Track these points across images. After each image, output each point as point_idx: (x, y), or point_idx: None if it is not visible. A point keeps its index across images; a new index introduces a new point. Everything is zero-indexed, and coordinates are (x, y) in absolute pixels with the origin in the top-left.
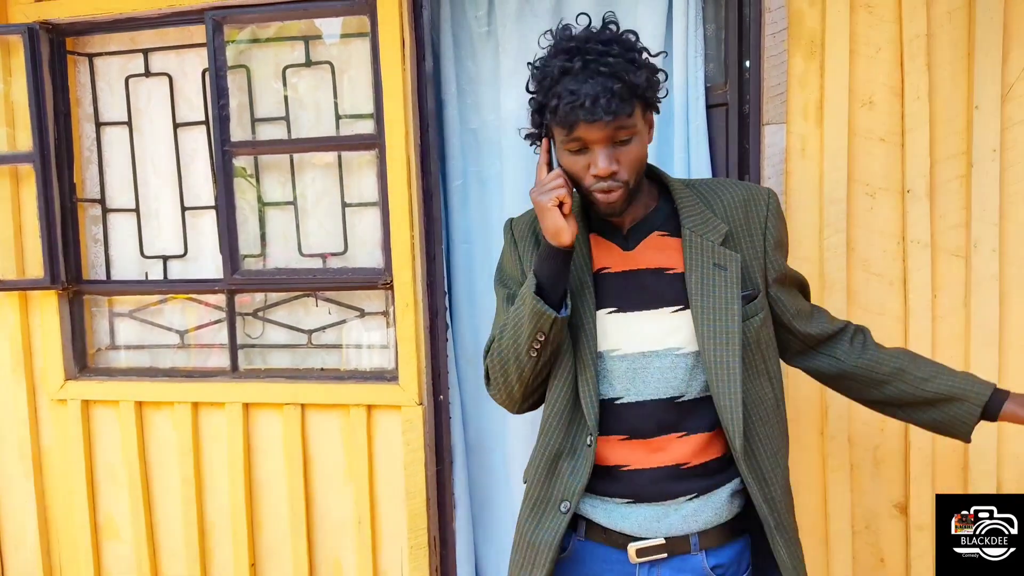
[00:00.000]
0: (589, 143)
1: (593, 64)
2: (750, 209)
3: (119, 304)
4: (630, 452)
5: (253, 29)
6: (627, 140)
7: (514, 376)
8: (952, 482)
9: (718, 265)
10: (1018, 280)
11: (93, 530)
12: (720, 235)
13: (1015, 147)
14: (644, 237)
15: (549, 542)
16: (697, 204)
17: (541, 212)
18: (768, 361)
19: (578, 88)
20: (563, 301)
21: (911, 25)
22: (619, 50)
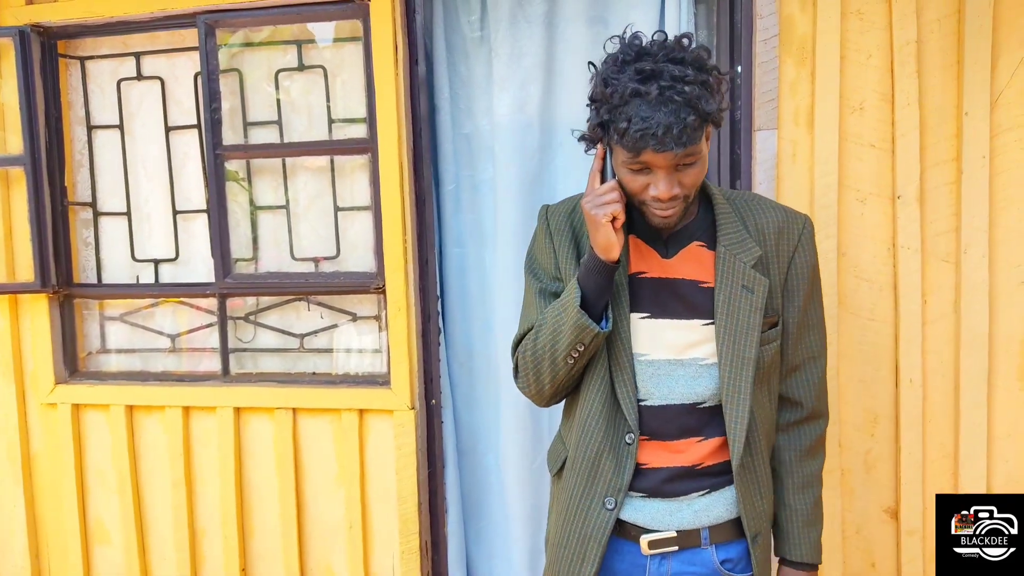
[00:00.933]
0: (653, 167)
1: (669, 91)
2: (783, 236)
3: (110, 308)
4: (652, 452)
5: (245, 33)
6: (692, 163)
7: (547, 377)
8: (942, 487)
9: (746, 287)
10: (1007, 285)
11: (83, 535)
12: (753, 257)
13: (1004, 153)
14: (683, 247)
15: (599, 538)
16: (735, 222)
17: (593, 225)
18: (772, 382)
19: (651, 116)
20: (604, 313)
21: (901, 32)
22: (694, 74)
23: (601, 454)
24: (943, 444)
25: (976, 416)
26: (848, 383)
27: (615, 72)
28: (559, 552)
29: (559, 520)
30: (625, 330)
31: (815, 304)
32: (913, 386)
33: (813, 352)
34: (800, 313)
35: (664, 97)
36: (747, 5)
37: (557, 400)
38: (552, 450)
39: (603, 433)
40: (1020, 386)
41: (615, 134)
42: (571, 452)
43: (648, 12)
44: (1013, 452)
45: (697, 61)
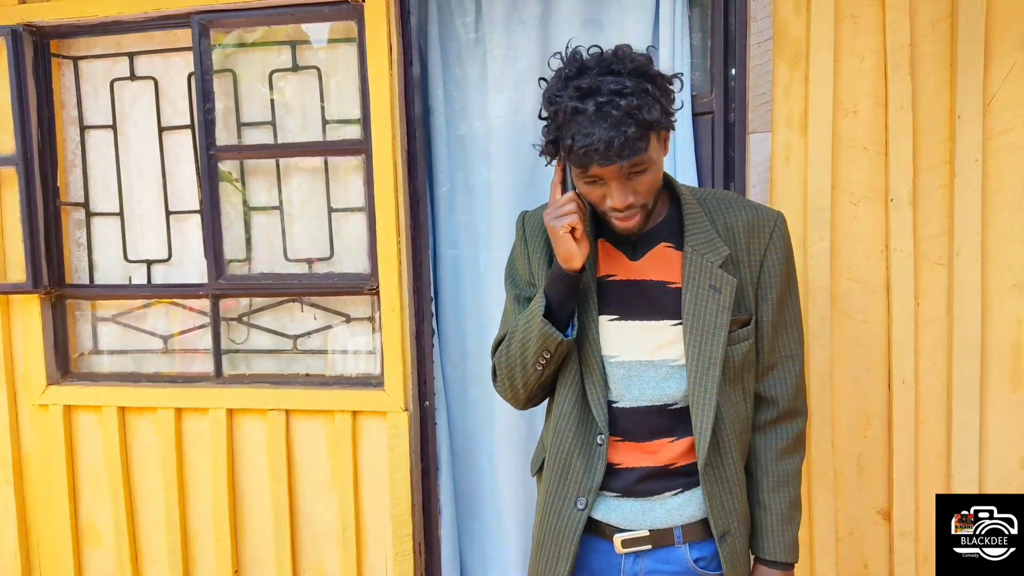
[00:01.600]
0: (604, 179)
1: (607, 106)
2: (753, 234)
3: (102, 308)
4: (624, 453)
5: (239, 33)
6: (643, 171)
7: (520, 382)
8: (935, 488)
9: (713, 287)
10: (1000, 288)
11: (74, 537)
12: (721, 257)
13: (997, 157)
14: (651, 248)
15: (571, 537)
16: (703, 221)
17: (554, 237)
18: (747, 381)
19: (592, 132)
20: (571, 320)
21: (895, 35)
22: (633, 86)
23: (572, 455)
24: (936, 446)
25: (968, 418)
26: (841, 384)
27: (558, 90)
28: (538, 551)
29: (538, 520)
30: (594, 333)
31: (790, 302)
32: (906, 388)
33: (789, 350)
34: (774, 311)
35: (603, 112)
36: (741, 8)
37: (534, 403)
38: (535, 452)
39: (574, 434)
40: (1012, 388)
41: (563, 151)
42: (547, 453)
43: (642, 15)
44: (1005, 454)
45: (637, 71)
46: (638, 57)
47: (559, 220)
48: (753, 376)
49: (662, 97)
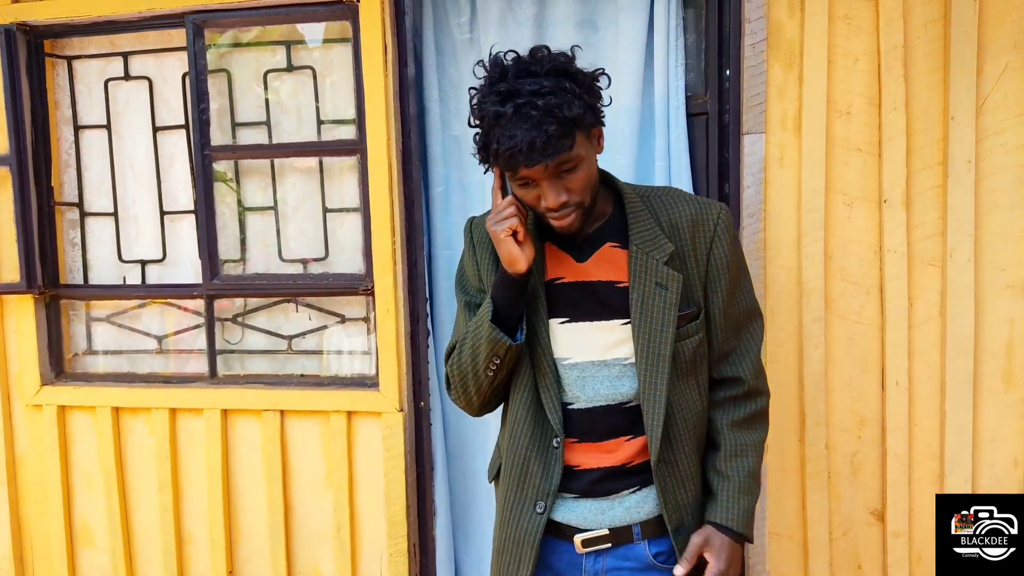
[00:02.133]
0: (535, 179)
1: (525, 108)
2: (698, 228)
3: (96, 308)
4: (582, 454)
5: (234, 33)
6: (572, 168)
7: (472, 388)
8: (928, 490)
9: (660, 284)
10: (993, 289)
11: (68, 538)
12: (666, 254)
13: (990, 158)
14: (597, 248)
15: (531, 541)
16: (647, 219)
17: (497, 242)
18: (700, 374)
19: (513, 134)
20: (520, 324)
21: (888, 36)
22: (551, 85)
23: (529, 459)
24: (929, 447)
25: (962, 419)
26: (835, 385)
27: (482, 97)
28: (499, 558)
29: (497, 526)
30: (545, 336)
31: (742, 292)
32: (899, 389)
33: (748, 335)
34: (726, 302)
35: (522, 113)
36: (735, 9)
37: (488, 409)
38: (492, 458)
39: (530, 439)
40: (1005, 389)
41: (491, 156)
42: (504, 459)
43: (637, 15)
44: (998, 455)
45: (554, 70)
46: (556, 57)
47: (499, 224)
48: (706, 369)
49: (584, 94)
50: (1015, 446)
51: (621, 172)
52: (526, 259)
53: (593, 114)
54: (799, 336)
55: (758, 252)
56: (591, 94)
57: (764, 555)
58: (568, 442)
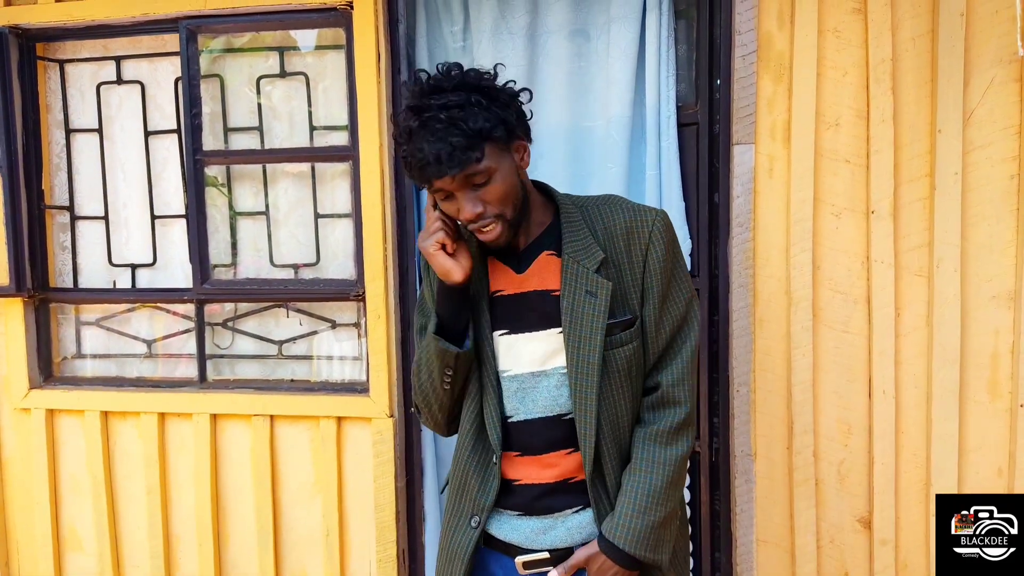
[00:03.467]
0: (451, 191)
1: (431, 121)
2: (632, 236)
3: (86, 312)
4: (523, 468)
5: (227, 38)
6: (485, 182)
7: (435, 406)
8: (915, 498)
9: (589, 292)
10: (978, 300)
11: (55, 542)
12: (596, 262)
13: (976, 170)
14: (535, 258)
15: (463, 556)
16: (581, 228)
17: (429, 257)
18: (636, 385)
19: (421, 147)
20: (466, 332)
21: (877, 50)
22: (457, 99)
23: (468, 473)
24: (915, 455)
25: (948, 428)
26: (822, 394)
27: (399, 114)
28: (438, 568)
29: (441, 537)
30: (489, 350)
31: (674, 298)
32: (886, 398)
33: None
34: (657, 309)
35: (428, 128)
36: (726, 21)
37: (456, 426)
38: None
39: (470, 452)
40: (990, 399)
41: (407, 170)
42: (451, 471)
43: (629, 26)
44: (984, 463)
45: (461, 84)
46: (467, 73)
47: (427, 241)
48: (642, 379)
49: (495, 107)
50: (1000, 455)
51: (612, 181)
52: (461, 269)
53: (505, 128)
54: (787, 345)
55: (747, 261)
56: (505, 109)
57: (752, 562)
58: (509, 455)
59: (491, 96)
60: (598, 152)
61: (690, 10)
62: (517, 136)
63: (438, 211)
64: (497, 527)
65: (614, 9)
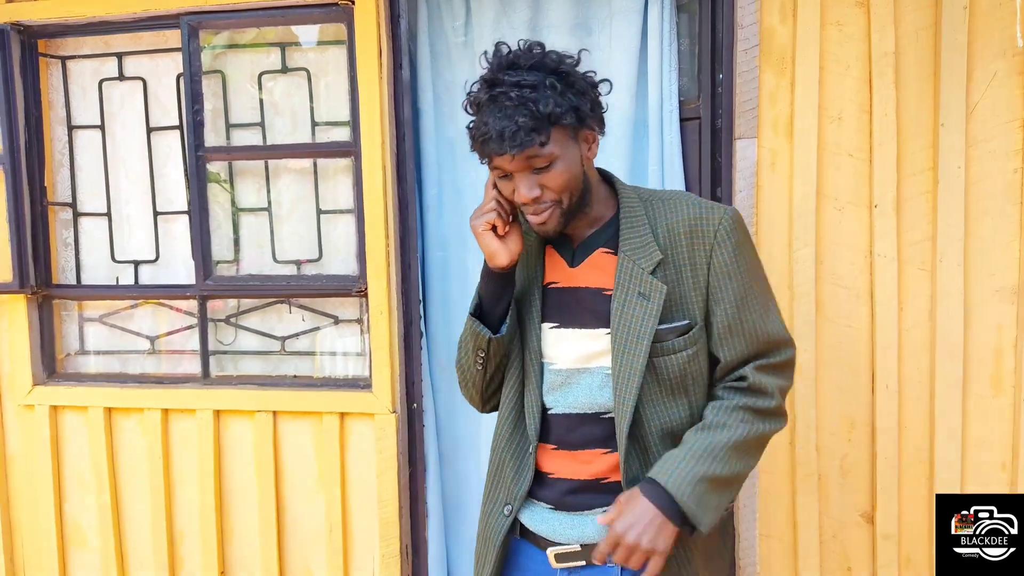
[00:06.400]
0: (510, 171)
1: (501, 96)
2: (696, 236)
3: (89, 309)
4: (556, 461)
5: (229, 34)
6: (546, 166)
7: (470, 383)
8: (918, 492)
9: (642, 294)
10: (982, 294)
11: (60, 538)
12: (652, 263)
13: (979, 164)
14: (589, 254)
15: (495, 541)
16: (641, 225)
17: (476, 236)
18: (693, 394)
19: (487, 121)
20: (504, 318)
21: (880, 43)
22: (532, 78)
23: (505, 460)
24: (918, 450)
25: (951, 422)
26: (825, 389)
27: (473, 85)
28: (476, 551)
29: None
30: (535, 340)
31: (754, 305)
32: (889, 392)
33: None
34: (733, 313)
35: (497, 103)
36: (728, 15)
37: (491, 406)
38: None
39: (507, 440)
40: (994, 393)
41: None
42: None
43: (631, 20)
44: (987, 458)
45: (539, 65)
46: (548, 54)
47: (478, 219)
48: (704, 388)
49: (570, 93)
50: (1003, 449)
51: None
52: (507, 253)
53: (577, 115)
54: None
55: None
56: (580, 96)
57: (755, 557)
58: (545, 447)
59: (568, 81)
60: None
61: (692, 4)
62: (588, 126)
63: (495, 190)
64: (529, 517)
65: (616, 3)
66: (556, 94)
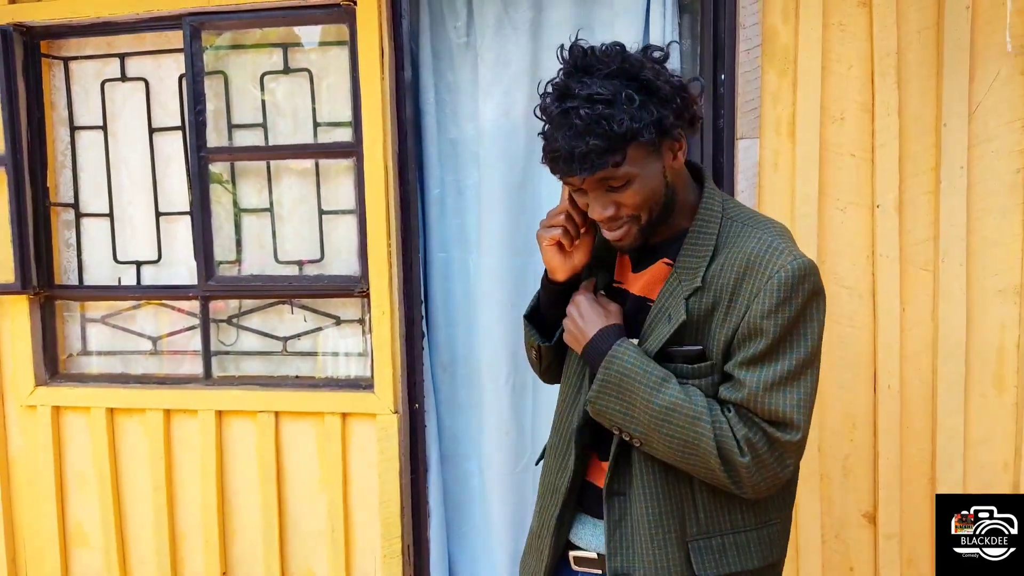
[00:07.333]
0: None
1: (571, 114)
2: (750, 272)
3: (91, 309)
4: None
5: (231, 35)
6: (622, 185)
7: (534, 359)
8: (919, 492)
9: (669, 316)
10: (984, 294)
11: (62, 538)
12: (691, 288)
13: (981, 164)
14: (652, 263)
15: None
16: (705, 244)
17: (540, 246)
18: None
19: (556, 138)
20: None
21: (882, 43)
22: (607, 91)
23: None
24: (920, 449)
25: (953, 422)
26: (827, 388)
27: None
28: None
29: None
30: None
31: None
32: (891, 392)
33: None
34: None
35: (568, 119)
36: (730, 15)
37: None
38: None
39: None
40: (996, 392)
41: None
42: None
43: (633, 21)
44: (989, 458)
45: (618, 72)
46: (628, 58)
47: (544, 231)
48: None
49: (652, 104)
50: (1005, 449)
51: None
52: (566, 270)
53: (659, 128)
54: None
55: None
56: (663, 105)
57: None
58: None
59: (650, 89)
60: None
61: (694, 4)
62: (673, 136)
63: (569, 202)
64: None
65: (618, 4)
66: (634, 108)
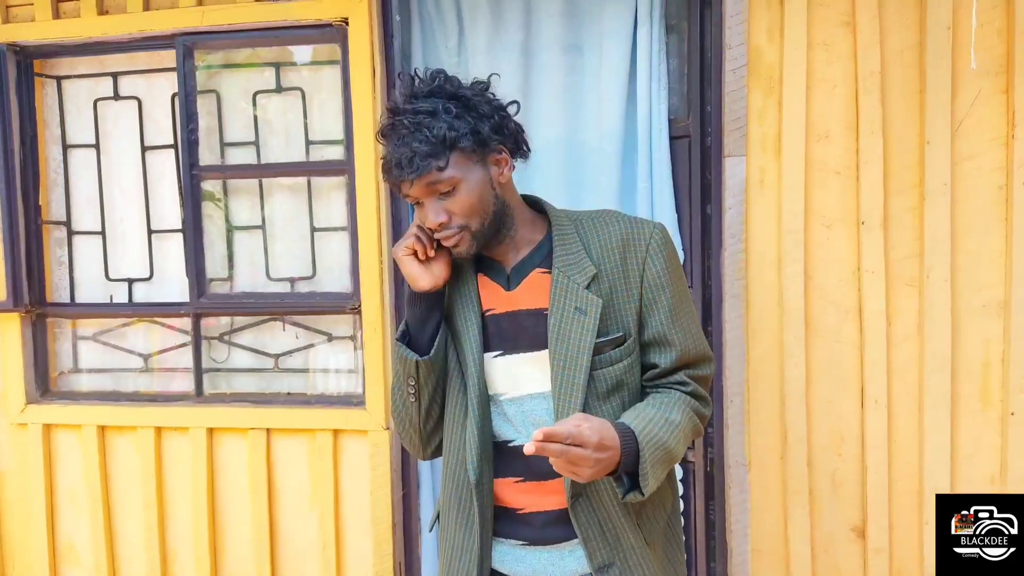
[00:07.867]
0: (418, 198)
1: (399, 124)
2: (629, 249)
3: (83, 327)
4: (525, 494)
5: (224, 53)
6: (450, 191)
7: (407, 422)
8: (908, 506)
9: (579, 309)
10: (969, 309)
11: (52, 556)
12: (587, 277)
13: (965, 181)
14: (525, 276)
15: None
16: (573, 243)
17: (398, 261)
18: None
19: (390, 149)
20: (432, 342)
21: (866, 62)
22: (427, 106)
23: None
24: (908, 464)
25: (940, 437)
26: (815, 404)
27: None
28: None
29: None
30: (476, 370)
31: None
32: (878, 407)
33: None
34: (666, 323)
35: (396, 131)
36: (716, 35)
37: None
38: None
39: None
40: (982, 407)
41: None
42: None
43: (621, 41)
44: (976, 472)
45: (436, 91)
46: (448, 79)
47: (399, 246)
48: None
49: (469, 116)
50: (992, 463)
51: (605, 194)
52: (430, 278)
53: (476, 138)
54: (780, 355)
55: (740, 272)
56: (482, 119)
57: (747, 572)
58: (512, 482)
59: (468, 105)
60: (591, 165)
61: (681, 24)
62: (493, 148)
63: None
64: (501, 559)
65: (606, 24)
66: (453, 118)
